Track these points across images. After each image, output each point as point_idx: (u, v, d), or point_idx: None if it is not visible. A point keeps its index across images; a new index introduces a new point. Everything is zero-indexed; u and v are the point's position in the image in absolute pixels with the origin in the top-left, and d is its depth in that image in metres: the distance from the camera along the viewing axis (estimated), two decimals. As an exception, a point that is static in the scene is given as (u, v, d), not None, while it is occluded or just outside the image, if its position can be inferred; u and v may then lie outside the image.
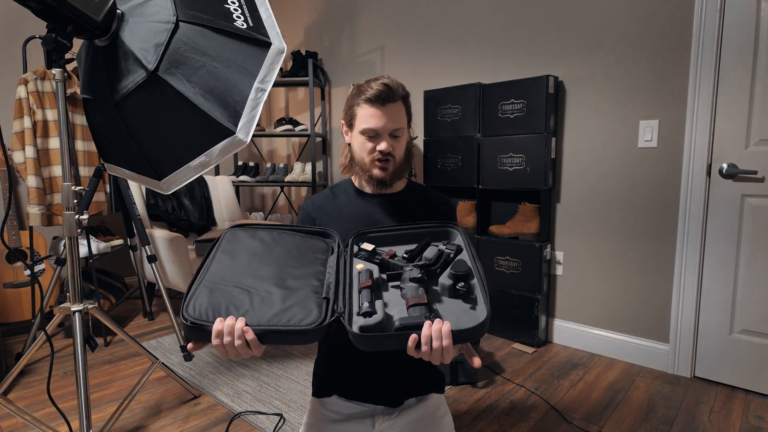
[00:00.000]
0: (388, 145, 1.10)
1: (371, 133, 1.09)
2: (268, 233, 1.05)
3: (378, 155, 1.10)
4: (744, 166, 1.90)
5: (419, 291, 0.86)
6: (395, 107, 1.09)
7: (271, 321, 0.79)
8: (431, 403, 1.16)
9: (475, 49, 2.69)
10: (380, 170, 1.12)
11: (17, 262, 2.61)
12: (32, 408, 1.81)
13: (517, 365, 2.20)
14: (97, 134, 1.31)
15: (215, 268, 0.91)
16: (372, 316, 0.82)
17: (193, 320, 0.77)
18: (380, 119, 1.08)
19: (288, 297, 0.85)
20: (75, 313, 1.43)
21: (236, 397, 1.90)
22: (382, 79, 1.09)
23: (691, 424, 1.70)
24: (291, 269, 0.94)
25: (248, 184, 3.56)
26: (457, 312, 0.84)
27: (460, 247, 0.97)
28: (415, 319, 0.78)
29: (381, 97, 1.07)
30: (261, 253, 0.97)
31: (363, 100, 1.09)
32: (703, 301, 2.03)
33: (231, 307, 0.80)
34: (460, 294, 0.86)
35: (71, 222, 1.37)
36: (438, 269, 0.93)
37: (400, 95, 1.10)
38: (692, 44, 1.95)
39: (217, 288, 0.84)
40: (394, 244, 1.06)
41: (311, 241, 1.05)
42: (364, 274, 0.92)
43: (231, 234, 1.04)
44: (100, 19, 1.12)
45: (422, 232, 1.07)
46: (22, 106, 2.34)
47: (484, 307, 0.82)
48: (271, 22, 1.27)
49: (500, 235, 2.51)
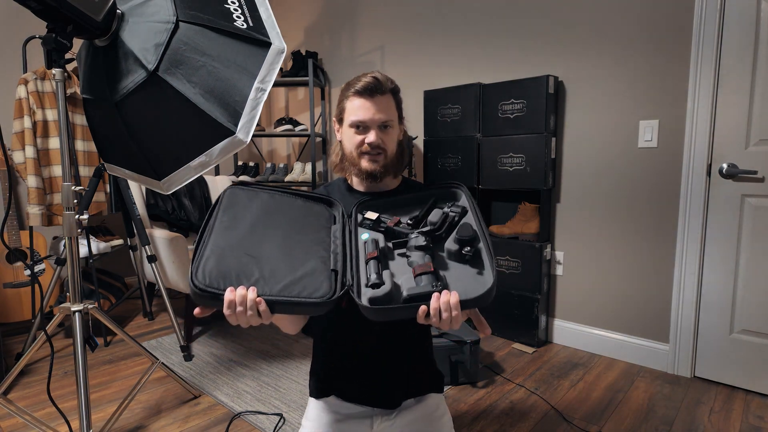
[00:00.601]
0: (377, 137, 1.08)
1: (360, 124, 1.08)
2: (269, 195, 1.04)
3: (367, 148, 1.08)
4: (744, 166, 1.90)
5: (425, 259, 0.86)
6: (384, 99, 1.08)
7: (282, 292, 0.80)
8: (430, 403, 1.16)
9: (475, 49, 2.69)
10: (369, 162, 1.10)
11: (17, 262, 2.61)
12: (32, 408, 1.81)
13: (517, 365, 2.20)
14: (97, 134, 1.31)
15: (219, 230, 0.89)
16: (380, 287, 0.83)
17: (203, 287, 0.76)
18: (368, 110, 1.07)
19: (297, 267, 0.85)
20: (75, 313, 1.43)
21: (236, 397, 1.90)
22: (371, 73, 1.09)
23: (691, 424, 1.70)
24: (296, 235, 0.94)
25: (248, 184, 3.56)
26: (464, 278, 0.85)
27: (465, 209, 0.97)
28: (423, 289, 0.79)
29: (368, 88, 1.06)
30: (264, 218, 0.96)
31: (352, 92, 1.08)
32: (703, 301, 2.03)
33: (241, 276, 0.80)
34: (467, 259, 0.87)
35: (71, 222, 1.37)
36: (443, 234, 0.93)
37: (388, 88, 1.09)
38: (692, 44, 1.95)
39: (225, 255, 0.83)
40: (398, 208, 1.06)
41: (314, 206, 1.05)
42: (370, 244, 0.92)
43: (231, 193, 1.01)
44: (100, 19, 1.12)
45: (426, 195, 1.07)
46: (22, 106, 2.34)
47: (490, 273, 0.83)
48: (271, 22, 1.27)
49: (500, 235, 2.51)
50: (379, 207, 1.06)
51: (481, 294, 0.79)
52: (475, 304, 0.79)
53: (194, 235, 2.99)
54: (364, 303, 0.80)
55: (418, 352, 1.16)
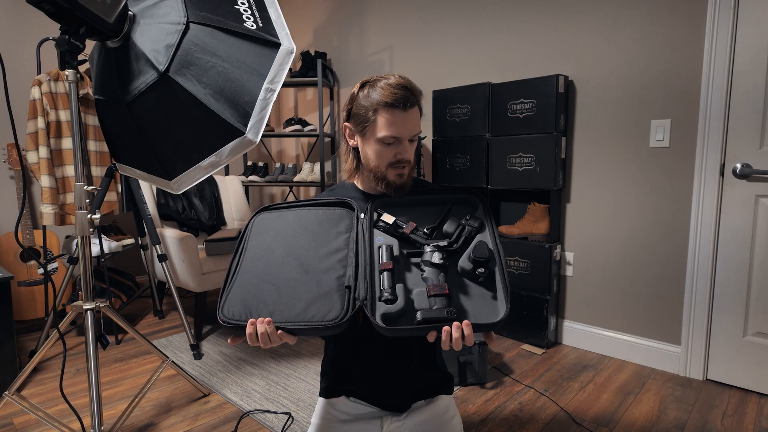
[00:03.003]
0: (409, 151, 1.04)
1: (392, 140, 1.01)
2: (294, 214, 1.07)
3: (397, 161, 1.04)
4: (758, 166, 1.87)
5: (440, 278, 0.88)
6: (415, 111, 1.02)
7: (297, 317, 0.86)
8: (440, 404, 1.15)
9: (484, 48, 2.68)
10: (398, 176, 1.06)
11: (31, 261, 2.65)
12: (45, 405, 1.83)
13: (526, 366, 2.18)
14: (109, 134, 1.32)
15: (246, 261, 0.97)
16: (393, 302, 0.86)
17: (228, 321, 0.87)
18: (403, 126, 1.00)
19: (313, 288, 0.90)
20: (87, 311, 1.45)
21: (245, 395, 1.91)
22: (396, 79, 1.01)
23: (703, 427, 1.68)
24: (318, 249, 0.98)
25: (257, 184, 3.58)
26: (477, 299, 0.88)
27: (482, 223, 0.97)
28: (437, 314, 0.82)
29: (402, 100, 0.99)
30: (287, 240, 1.01)
31: (384, 105, 0.99)
32: (715, 303, 2.01)
33: (261, 306, 0.88)
34: (480, 281, 0.90)
35: (83, 221, 1.39)
36: (459, 248, 0.95)
37: (417, 98, 1.03)
38: (705, 42, 1.93)
39: (248, 287, 0.91)
40: (414, 208, 1.07)
41: (335, 212, 1.07)
42: (385, 253, 0.94)
43: (258, 220, 1.08)
44: (112, 20, 1.13)
45: (443, 198, 1.07)
46: (36, 107, 2.37)
47: (503, 300, 0.85)
48: (281, 23, 1.28)
49: (510, 236, 2.49)
50: (394, 206, 1.06)
51: (493, 323, 0.82)
52: (486, 329, 0.83)
53: (204, 235, 3.01)
54: (377, 321, 0.84)
55: (428, 355, 1.16)
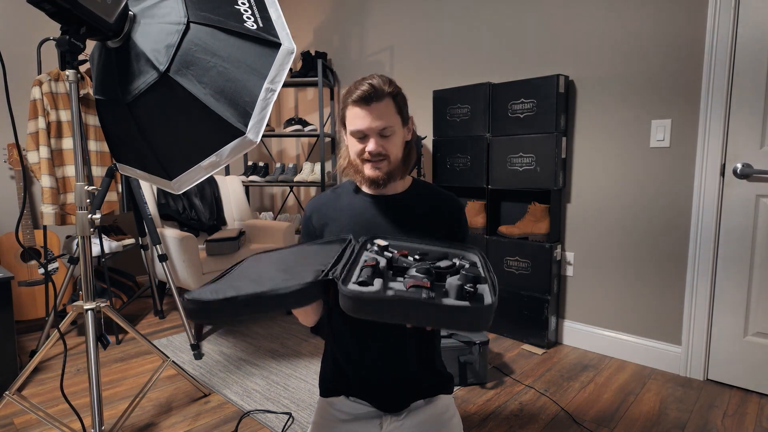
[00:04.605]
0: (376, 145, 1.07)
1: (359, 134, 1.08)
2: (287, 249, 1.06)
3: (368, 156, 1.08)
4: (759, 166, 1.87)
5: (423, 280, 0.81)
6: (381, 105, 1.06)
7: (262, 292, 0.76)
8: (440, 404, 1.15)
9: (484, 48, 2.68)
10: (372, 170, 1.10)
11: (31, 261, 2.65)
12: (46, 404, 1.83)
13: (526, 366, 2.18)
14: (110, 134, 1.32)
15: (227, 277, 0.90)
16: (368, 286, 0.78)
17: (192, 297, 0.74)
18: (365, 119, 1.06)
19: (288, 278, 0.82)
20: (87, 311, 1.45)
21: (246, 395, 1.91)
22: (369, 79, 1.07)
23: (703, 427, 1.67)
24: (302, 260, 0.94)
25: (258, 184, 3.58)
26: None
27: (475, 263, 0.94)
28: (412, 294, 0.75)
29: (364, 97, 1.04)
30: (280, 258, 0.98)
31: (350, 101, 1.07)
32: (716, 303, 2.00)
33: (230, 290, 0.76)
34: (467, 296, 0.79)
35: (84, 221, 1.39)
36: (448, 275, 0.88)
37: (386, 93, 1.06)
38: (706, 42, 1.92)
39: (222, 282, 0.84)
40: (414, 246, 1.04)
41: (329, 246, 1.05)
42: (370, 259, 0.90)
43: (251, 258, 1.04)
44: (112, 20, 1.13)
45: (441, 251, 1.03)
46: (36, 107, 2.38)
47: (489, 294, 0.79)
48: (281, 23, 1.28)
49: (510, 236, 2.49)
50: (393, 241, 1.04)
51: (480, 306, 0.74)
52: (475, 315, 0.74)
53: (205, 235, 3.01)
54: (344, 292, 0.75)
55: (427, 355, 1.16)
